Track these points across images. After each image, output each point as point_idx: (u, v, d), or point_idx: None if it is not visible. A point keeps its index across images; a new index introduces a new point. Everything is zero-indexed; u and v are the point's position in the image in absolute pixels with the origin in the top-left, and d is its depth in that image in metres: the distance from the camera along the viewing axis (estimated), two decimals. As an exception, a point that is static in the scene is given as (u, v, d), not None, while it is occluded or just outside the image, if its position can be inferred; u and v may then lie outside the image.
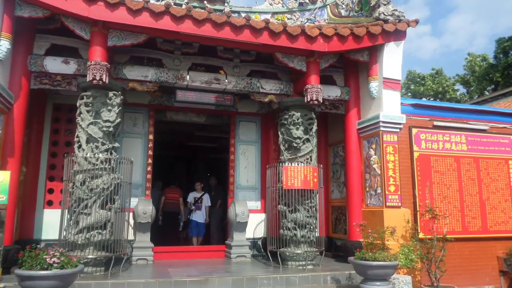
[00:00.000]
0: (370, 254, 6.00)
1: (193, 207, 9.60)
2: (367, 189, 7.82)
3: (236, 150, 9.21)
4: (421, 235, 7.34)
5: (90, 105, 6.40)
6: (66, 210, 6.19)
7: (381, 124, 7.49)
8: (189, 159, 16.05)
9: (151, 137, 8.54)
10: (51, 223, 7.32)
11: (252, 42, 6.88)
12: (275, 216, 7.48)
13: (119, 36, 6.52)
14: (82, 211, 6.11)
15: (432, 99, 26.67)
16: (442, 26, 60.85)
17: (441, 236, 7.14)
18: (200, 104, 8.32)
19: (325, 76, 8.05)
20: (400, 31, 7.66)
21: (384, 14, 7.61)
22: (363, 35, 7.38)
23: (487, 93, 22.59)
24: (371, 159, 7.73)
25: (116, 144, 6.62)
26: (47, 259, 4.43)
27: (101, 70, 6.13)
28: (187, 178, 15.26)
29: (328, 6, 8.53)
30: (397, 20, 7.59)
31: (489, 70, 23.92)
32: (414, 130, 8.21)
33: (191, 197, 9.80)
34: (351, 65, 8.28)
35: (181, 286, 5.83)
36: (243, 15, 7.25)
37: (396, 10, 7.70)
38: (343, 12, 8.50)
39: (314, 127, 7.63)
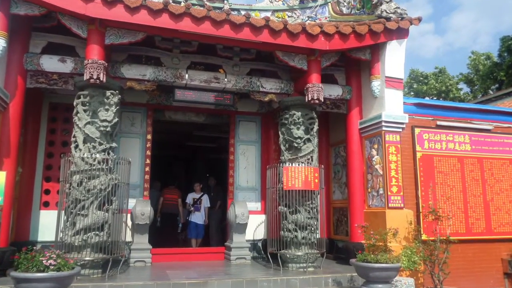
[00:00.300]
0: (372, 256, 5.94)
1: (192, 208, 9.50)
2: (369, 190, 7.72)
3: (235, 150, 9.11)
4: (424, 237, 7.24)
5: (87, 104, 6.32)
6: (63, 211, 6.12)
7: (383, 123, 7.41)
8: (188, 159, 15.94)
9: (149, 137, 8.46)
10: (47, 225, 7.23)
11: (252, 41, 6.79)
12: (275, 218, 7.39)
13: (117, 34, 6.43)
14: (79, 212, 6.05)
15: (435, 98, 26.50)
16: (445, 24, 60.71)
17: (445, 237, 7.05)
18: (199, 104, 8.24)
19: (326, 75, 7.97)
20: (402, 29, 7.59)
21: (387, 12, 7.54)
22: (365, 33, 7.29)
23: (491, 92, 22.40)
24: (373, 159, 7.63)
25: (114, 144, 6.54)
26: (44, 261, 4.38)
27: (99, 69, 6.05)
28: (186, 178, 15.14)
29: (329, 3, 8.44)
30: (400, 18, 7.53)
31: (493, 68, 23.70)
32: (417, 130, 8.10)
33: (190, 198, 9.71)
34: (353, 64, 8.18)
35: (179, 289, 5.74)
36: (243, 13, 7.18)
37: (398, 7, 7.63)
38: (344, 10, 8.42)
39: (315, 127, 7.54)
